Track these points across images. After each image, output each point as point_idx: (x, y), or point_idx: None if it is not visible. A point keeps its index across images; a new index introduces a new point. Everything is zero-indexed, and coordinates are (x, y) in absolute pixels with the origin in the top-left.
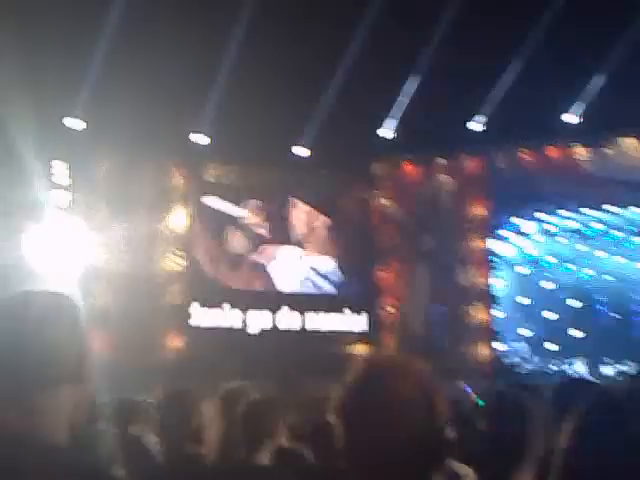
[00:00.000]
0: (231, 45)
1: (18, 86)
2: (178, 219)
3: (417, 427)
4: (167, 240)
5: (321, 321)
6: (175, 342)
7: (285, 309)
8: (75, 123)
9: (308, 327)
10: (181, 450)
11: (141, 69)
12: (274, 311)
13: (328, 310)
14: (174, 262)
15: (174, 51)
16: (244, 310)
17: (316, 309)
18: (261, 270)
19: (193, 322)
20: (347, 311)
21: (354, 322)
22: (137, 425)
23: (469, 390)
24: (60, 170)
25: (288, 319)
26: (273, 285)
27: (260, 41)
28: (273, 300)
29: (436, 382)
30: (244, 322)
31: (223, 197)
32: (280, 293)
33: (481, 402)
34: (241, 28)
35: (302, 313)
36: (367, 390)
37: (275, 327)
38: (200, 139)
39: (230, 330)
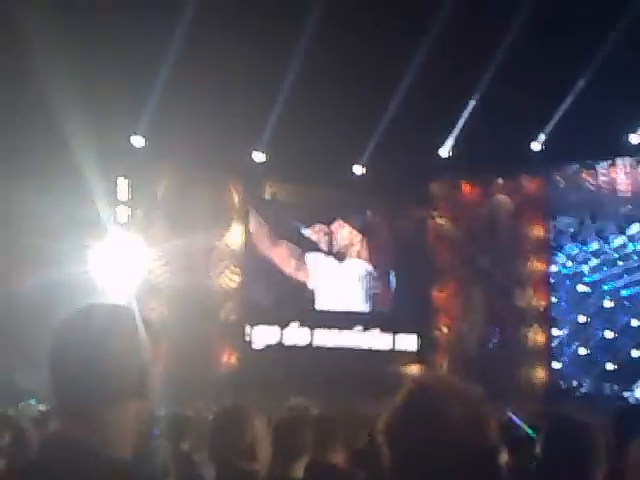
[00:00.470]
0: (291, 65)
1: (82, 105)
2: (235, 236)
3: (465, 450)
4: (224, 257)
5: (375, 340)
6: (229, 358)
7: (340, 327)
8: (136, 140)
9: (361, 345)
10: (234, 466)
11: (201, 88)
12: (328, 329)
13: (383, 329)
14: (230, 279)
15: (234, 70)
16: (299, 328)
17: (370, 328)
18: (319, 288)
19: (247, 338)
20: (402, 330)
21: (409, 342)
22: (188, 441)
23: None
24: (122, 187)
25: (342, 337)
26: (329, 303)
27: (320, 61)
28: (328, 318)
29: (486, 405)
30: (299, 339)
31: (280, 215)
32: (335, 311)
33: (530, 431)
34: (302, 48)
35: (356, 331)
36: (414, 411)
37: (330, 345)
38: (258, 157)
39: (284, 347)
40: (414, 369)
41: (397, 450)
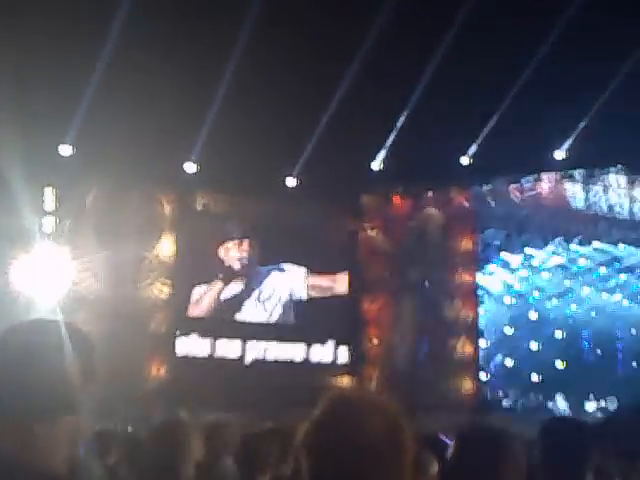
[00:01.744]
0: (222, 75)
1: (9, 112)
2: (165, 247)
3: (383, 462)
4: (153, 268)
5: (303, 352)
6: (159, 370)
7: (268, 339)
8: (64, 149)
9: (290, 358)
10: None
11: (131, 97)
12: (257, 341)
13: (311, 341)
14: (160, 290)
15: (165, 80)
16: (228, 340)
17: (299, 340)
18: (245, 299)
19: (177, 351)
20: (331, 343)
21: (338, 354)
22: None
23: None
24: (49, 197)
25: (271, 350)
26: (257, 315)
27: (252, 72)
28: (255, 330)
29: (404, 419)
30: (227, 352)
31: (210, 225)
32: (264, 324)
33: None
34: (233, 59)
35: (283, 343)
36: (332, 423)
37: (259, 357)
38: (189, 167)
39: (213, 359)
40: (345, 381)
41: (315, 462)
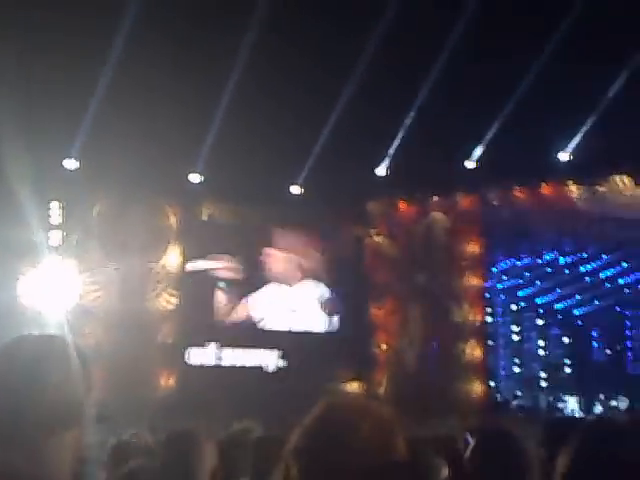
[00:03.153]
0: (226, 86)
1: (15, 127)
2: (171, 258)
3: (374, 468)
4: (160, 279)
5: (312, 359)
6: (168, 380)
7: (277, 348)
8: (70, 164)
9: (299, 365)
10: None
11: (135, 110)
12: (266, 349)
13: (321, 348)
14: (167, 301)
15: (169, 92)
16: (236, 349)
17: (309, 347)
18: (255, 308)
19: (186, 360)
20: (341, 349)
21: (347, 360)
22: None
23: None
24: (55, 211)
25: (279, 358)
26: (265, 324)
27: (255, 82)
28: (265, 339)
29: (396, 424)
30: (236, 360)
31: (216, 235)
32: (273, 331)
33: None
34: (236, 70)
35: (293, 351)
36: (323, 430)
37: (268, 365)
38: (194, 178)
39: (222, 368)
40: (354, 387)
41: (305, 469)
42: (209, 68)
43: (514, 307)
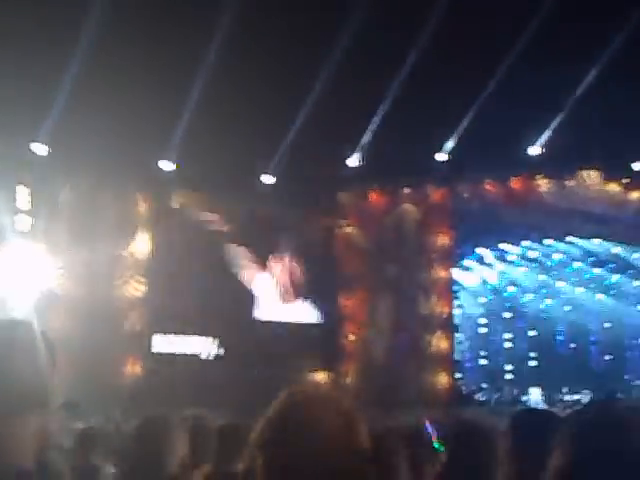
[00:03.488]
0: (199, 73)
1: None
2: (140, 245)
3: (336, 457)
4: (129, 265)
5: (282, 347)
6: (134, 368)
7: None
8: (39, 148)
9: (267, 353)
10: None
11: (107, 96)
12: (236, 337)
13: (290, 336)
14: (135, 288)
15: (141, 78)
16: (203, 336)
17: (278, 335)
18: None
19: (153, 348)
20: (310, 338)
21: (315, 350)
22: (97, 454)
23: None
24: (22, 195)
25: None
26: (237, 311)
27: (228, 70)
28: (237, 326)
29: (357, 413)
30: (203, 348)
31: (187, 223)
32: (249, 320)
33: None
34: (209, 56)
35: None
36: (285, 420)
37: (235, 353)
38: (165, 166)
39: (188, 356)
40: (321, 377)
41: (269, 458)
42: (181, 54)
43: (481, 299)
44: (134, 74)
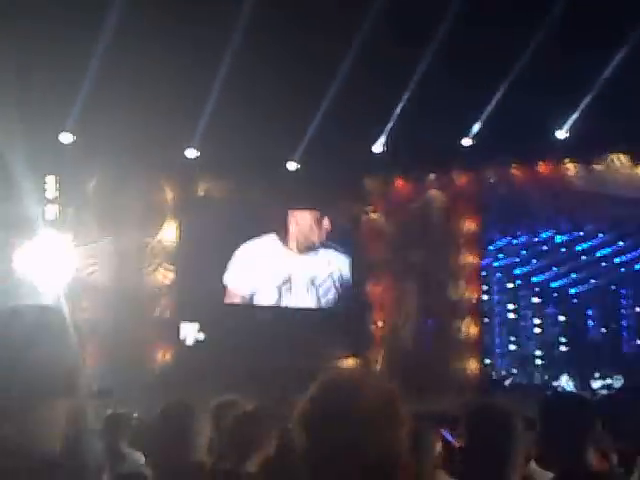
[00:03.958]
0: (223, 60)
1: (9, 101)
2: (168, 233)
3: (378, 434)
4: (157, 253)
5: (312, 335)
6: (165, 355)
7: (276, 322)
8: (65, 137)
9: (299, 341)
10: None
11: (132, 83)
12: (265, 325)
13: (319, 324)
14: (164, 276)
15: (165, 66)
16: (234, 323)
17: (307, 323)
18: (253, 284)
19: (182, 336)
20: (338, 326)
21: (343, 337)
22: (126, 439)
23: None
24: (51, 185)
25: (279, 333)
26: (266, 299)
27: (253, 57)
28: (265, 314)
29: (398, 392)
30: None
31: (213, 211)
32: (273, 307)
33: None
34: (234, 44)
35: (292, 327)
36: (326, 399)
37: (267, 341)
38: (191, 153)
39: (221, 343)
40: (350, 363)
41: (310, 438)
42: (206, 41)
43: (510, 285)
44: (160, 62)
